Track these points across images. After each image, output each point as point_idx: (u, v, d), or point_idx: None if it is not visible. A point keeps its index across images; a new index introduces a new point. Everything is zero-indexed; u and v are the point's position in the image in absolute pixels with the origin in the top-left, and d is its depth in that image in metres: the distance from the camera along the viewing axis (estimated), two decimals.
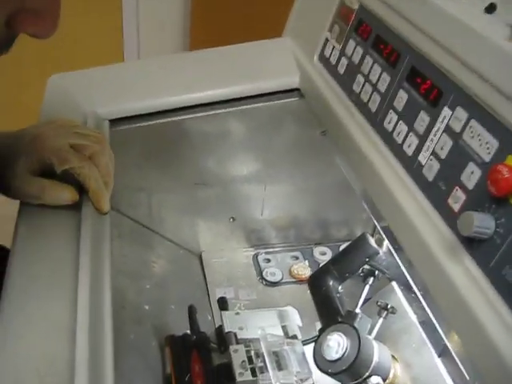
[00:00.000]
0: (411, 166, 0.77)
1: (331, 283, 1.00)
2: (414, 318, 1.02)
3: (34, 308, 0.72)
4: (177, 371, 0.99)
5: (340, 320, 0.93)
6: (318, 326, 1.02)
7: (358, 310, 0.96)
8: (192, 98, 1.15)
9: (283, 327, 1.00)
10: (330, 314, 0.95)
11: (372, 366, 0.88)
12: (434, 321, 0.84)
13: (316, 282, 1.02)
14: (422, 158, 0.75)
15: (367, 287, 1.02)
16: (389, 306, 0.98)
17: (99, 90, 1.15)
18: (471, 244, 0.64)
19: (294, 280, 1.32)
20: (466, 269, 0.63)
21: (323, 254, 1.39)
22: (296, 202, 1.36)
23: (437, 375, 0.93)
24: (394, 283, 1.08)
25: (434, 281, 0.68)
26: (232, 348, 0.92)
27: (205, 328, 1.07)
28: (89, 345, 0.66)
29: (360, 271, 1.03)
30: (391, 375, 0.94)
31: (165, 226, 1.32)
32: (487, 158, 0.63)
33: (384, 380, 0.91)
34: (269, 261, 1.38)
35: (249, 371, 0.89)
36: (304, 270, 1.33)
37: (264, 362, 0.90)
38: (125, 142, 1.13)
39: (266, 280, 1.32)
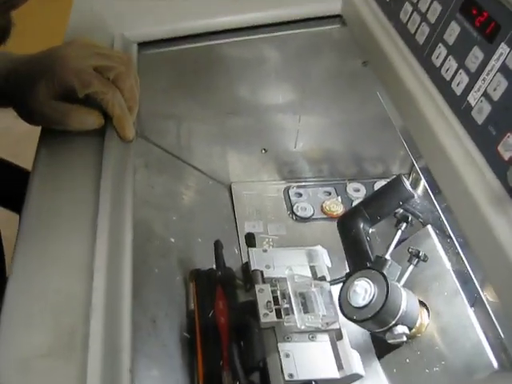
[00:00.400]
0: (459, 106, 0.70)
1: (361, 225, 0.96)
2: (448, 265, 0.97)
3: (51, 242, 0.69)
4: (200, 307, 0.97)
5: (368, 265, 0.89)
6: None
7: (387, 256, 0.92)
8: (226, 22, 1.08)
9: (311, 267, 0.96)
10: (359, 259, 0.91)
11: (399, 315, 0.85)
12: (470, 270, 0.80)
13: (346, 224, 0.97)
14: (472, 98, 0.68)
15: (399, 232, 0.97)
16: (420, 254, 0.94)
17: (128, 11, 1.09)
18: None
19: (325, 216, 1.28)
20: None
21: (357, 190, 1.34)
22: (331, 135, 1.30)
23: (467, 326, 0.89)
24: (429, 227, 1.03)
25: (475, 232, 0.63)
26: (258, 287, 0.89)
27: (231, 263, 1.04)
28: (106, 284, 0.63)
29: (392, 215, 0.98)
30: (418, 324, 0.91)
31: (194, 155, 1.28)
32: None
33: (410, 329, 0.89)
34: (300, 195, 1.33)
35: (273, 312, 0.86)
36: (336, 207, 1.29)
37: (290, 303, 0.86)
38: (154, 67, 1.08)
39: (296, 215, 1.28)
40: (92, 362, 0.56)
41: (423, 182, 1.25)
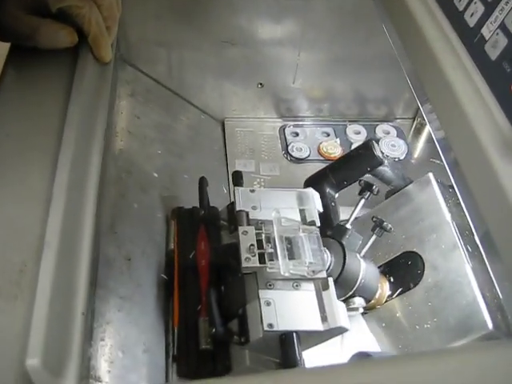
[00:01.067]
0: (471, 39, 0.63)
1: (327, 190, 0.92)
2: (447, 216, 0.91)
3: (9, 170, 0.62)
4: (181, 247, 0.91)
5: (328, 234, 0.85)
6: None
7: (348, 225, 0.88)
8: None
9: (301, 211, 0.89)
10: (321, 225, 0.85)
11: (356, 286, 0.83)
12: (471, 223, 0.73)
13: (311, 187, 0.91)
14: (487, 30, 0.61)
15: (362, 201, 0.93)
16: (384, 224, 0.90)
17: None
18: None
19: (321, 158, 1.21)
20: None
21: (357, 133, 1.27)
22: (333, 72, 1.22)
23: (464, 283, 0.84)
24: (430, 174, 0.96)
25: (479, 180, 0.57)
26: (241, 229, 0.82)
27: (219, 203, 0.97)
28: (63, 220, 0.56)
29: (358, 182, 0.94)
30: (377, 295, 0.88)
31: (185, 86, 1.20)
32: None
33: (368, 301, 0.87)
34: (297, 135, 1.26)
35: (256, 257, 0.79)
36: (334, 149, 1.22)
37: (274, 248, 0.80)
38: None
39: (291, 155, 1.21)
40: (39, 304, 0.50)
41: (428, 128, 1.18)
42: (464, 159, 0.60)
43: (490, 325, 0.79)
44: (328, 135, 1.26)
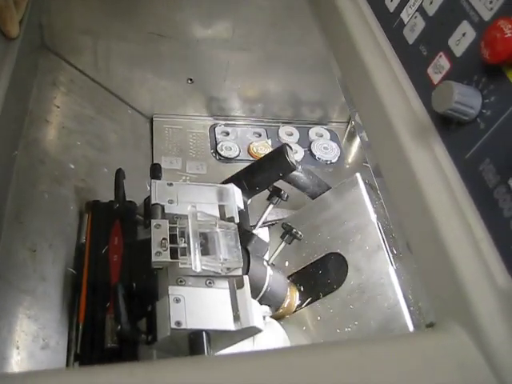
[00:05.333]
0: (391, 24, 0.61)
1: None
2: (373, 216, 0.88)
3: None
4: (93, 241, 0.86)
5: None
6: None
7: (255, 231, 0.86)
8: None
9: (221, 207, 0.85)
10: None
11: (261, 293, 0.81)
12: (391, 223, 0.71)
13: None
14: (406, 14, 0.59)
15: (270, 206, 0.91)
16: (294, 231, 0.89)
17: None
18: (446, 126, 0.49)
19: (251, 159, 1.17)
20: (434, 158, 0.49)
21: (290, 134, 1.24)
22: (267, 71, 1.19)
23: (386, 285, 0.81)
24: (358, 175, 0.94)
25: (392, 169, 0.54)
26: (154, 222, 0.78)
27: (140, 199, 0.92)
28: None
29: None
30: (286, 304, 0.86)
31: (112, 78, 1.15)
32: (487, 16, 0.48)
33: (276, 310, 0.85)
34: (227, 134, 1.22)
35: (168, 251, 0.74)
36: (264, 149, 1.18)
37: (188, 243, 0.76)
38: None
39: (219, 154, 1.17)
40: None
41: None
42: (377, 146, 0.57)
43: (411, 327, 0.77)
44: (260, 135, 1.23)
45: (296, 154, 1.14)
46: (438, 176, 0.48)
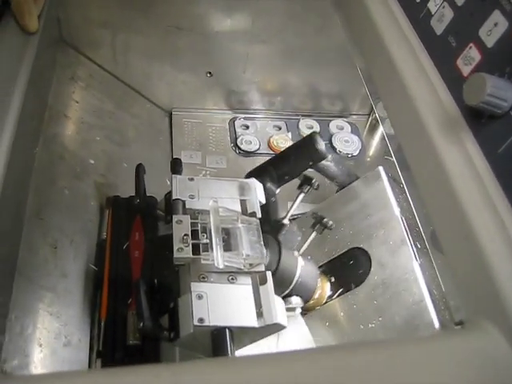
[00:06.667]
0: (417, 15, 0.60)
1: (268, 185, 0.87)
2: (396, 211, 0.87)
3: None
4: (114, 237, 0.86)
5: (264, 229, 0.79)
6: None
7: (286, 221, 0.83)
8: None
9: (242, 202, 0.84)
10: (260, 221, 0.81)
11: (292, 284, 0.79)
12: (417, 218, 0.69)
13: None
14: (433, 4, 0.58)
15: (301, 196, 0.89)
16: (325, 220, 0.86)
17: None
18: (478, 120, 0.48)
19: (271, 152, 1.16)
20: (466, 152, 0.48)
21: (310, 127, 1.23)
22: (286, 63, 1.17)
23: (411, 280, 0.80)
24: (380, 168, 0.92)
25: (421, 164, 0.52)
26: (175, 218, 0.77)
27: (161, 195, 0.91)
28: None
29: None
30: (317, 295, 0.84)
31: (131, 73, 1.14)
32: None
33: (306, 301, 0.83)
34: (247, 127, 1.21)
35: (190, 247, 0.74)
36: (285, 142, 1.17)
37: (210, 238, 0.75)
38: None
39: (239, 148, 1.16)
40: None
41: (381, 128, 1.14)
42: (405, 140, 0.56)
43: (437, 323, 0.76)
44: (280, 129, 1.22)
45: None
46: (470, 171, 0.47)
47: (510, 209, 0.43)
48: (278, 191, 0.88)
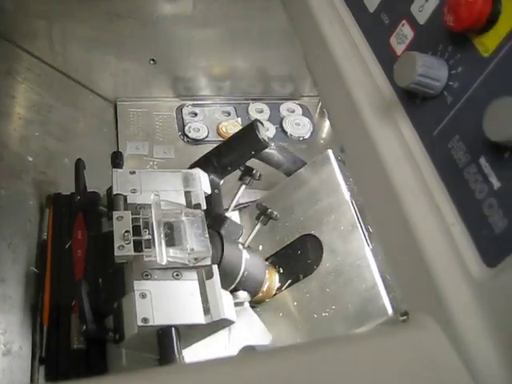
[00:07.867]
0: None
1: (211, 177, 0.85)
2: (347, 195, 0.85)
3: None
4: (55, 237, 0.83)
5: (207, 223, 0.77)
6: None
7: (228, 214, 0.83)
8: None
9: (187, 193, 0.81)
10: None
11: (238, 279, 0.78)
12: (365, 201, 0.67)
13: None
14: None
15: (243, 187, 0.88)
16: (269, 211, 0.84)
17: None
18: (411, 101, 0.46)
19: (221, 139, 1.13)
20: (400, 135, 0.46)
21: (260, 111, 1.20)
22: (232, 47, 1.14)
23: (363, 266, 0.78)
24: (329, 151, 0.90)
25: (355, 148, 0.50)
26: (116, 214, 0.74)
27: (105, 189, 0.88)
28: None
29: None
30: (265, 288, 0.83)
31: (71, 63, 1.10)
32: None
33: (254, 295, 0.82)
34: (195, 115, 1.18)
35: (131, 244, 0.70)
36: (234, 128, 1.14)
37: (152, 234, 0.72)
38: None
39: (187, 136, 1.13)
40: None
41: None
42: (341, 126, 0.54)
43: (390, 310, 0.74)
44: (229, 114, 1.19)
45: (267, 132, 1.10)
46: (405, 155, 0.44)
47: (446, 194, 0.41)
48: (221, 182, 0.86)
